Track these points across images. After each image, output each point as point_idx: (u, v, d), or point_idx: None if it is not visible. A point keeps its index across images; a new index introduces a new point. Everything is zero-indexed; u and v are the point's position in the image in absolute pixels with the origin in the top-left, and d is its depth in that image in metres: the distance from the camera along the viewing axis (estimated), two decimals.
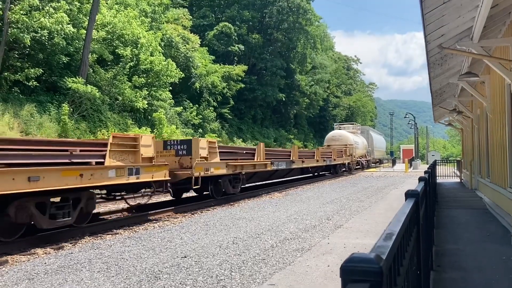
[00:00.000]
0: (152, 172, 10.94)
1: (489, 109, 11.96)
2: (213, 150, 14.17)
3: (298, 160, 22.21)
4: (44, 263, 6.93)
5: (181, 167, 13.24)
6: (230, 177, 15.26)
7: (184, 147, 13.44)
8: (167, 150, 13.69)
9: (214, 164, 13.95)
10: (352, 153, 34.70)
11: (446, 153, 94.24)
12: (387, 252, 1.28)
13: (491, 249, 7.28)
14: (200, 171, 12.98)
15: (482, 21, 6.92)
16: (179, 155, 13.50)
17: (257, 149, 18.06)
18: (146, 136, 11.14)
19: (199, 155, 13.20)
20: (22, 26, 22.20)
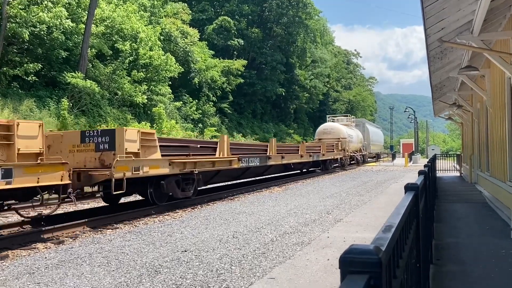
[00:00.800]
0: (38, 174, 8.01)
1: (489, 103, 11.95)
2: (150, 144, 11.20)
3: (277, 155, 19.33)
4: (45, 257, 6.95)
5: (102, 166, 10.27)
6: (178, 178, 12.33)
7: (106, 139, 10.48)
8: (86, 143, 10.68)
9: (150, 161, 10.89)
10: (345, 147, 32.13)
11: (446, 147, 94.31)
12: (386, 244, 1.28)
13: (490, 242, 7.29)
14: (126, 171, 9.96)
15: (482, 14, 6.90)
16: (100, 150, 10.49)
17: (220, 143, 15.12)
18: (27, 124, 8.37)
19: (124, 149, 10.16)
20: (21, 21, 22.14)
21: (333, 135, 32.55)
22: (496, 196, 11.50)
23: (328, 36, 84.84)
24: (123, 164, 9.98)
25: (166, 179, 11.69)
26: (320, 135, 33.49)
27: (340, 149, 31.05)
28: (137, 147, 10.64)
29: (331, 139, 31.61)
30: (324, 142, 29.50)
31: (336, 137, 32.22)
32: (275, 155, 19.22)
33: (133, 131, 10.73)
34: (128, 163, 10.14)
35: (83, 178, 9.62)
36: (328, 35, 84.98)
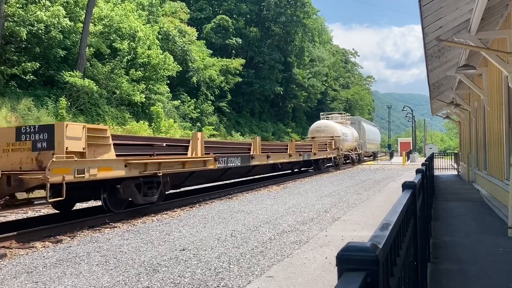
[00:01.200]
0: None
1: (486, 102, 11.98)
2: (101, 142, 9.70)
3: (261, 155, 17.87)
4: (43, 256, 6.95)
5: (40, 168, 8.74)
6: (139, 181, 10.79)
7: (44, 136, 8.94)
8: (21, 141, 9.14)
9: (99, 162, 9.38)
10: (339, 146, 30.77)
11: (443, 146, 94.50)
12: (383, 241, 1.29)
13: (488, 241, 7.32)
14: (66, 174, 8.50)
15: (479, 13, 6.92)
16: (38, 149, 8.98)
17: (192, 141, 13.52)
18: None
19: (64, 148, 8.71)
20: (18, 20, 22.08)
21: (327, 133, 31.01)
22: (494, 195, 11.53)
23: (326, 35, 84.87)
24: (62, 166, 8.47)
25: (122, 182, 10.22)
26: (313, 133, 31.96)
27: (334, 147, 29.62)
28: (82, 145, 9.16)
29: (325, 138, 30.21)
30: (317, 141, 28.25)
31: (329, 135, 30.76)
32: (260, 155, 17.81)
33: (77, 127, 9.20)
34: (69, 165, 8.61)
35: (14, 182, 8.16)
36: (326, 34, 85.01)
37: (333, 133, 31.10)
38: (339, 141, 30.90)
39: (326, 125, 32.40)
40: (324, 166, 27.85)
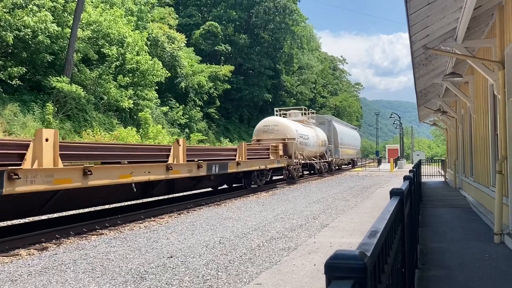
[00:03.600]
0: None
1: (472, 109, 12.13)
2: None
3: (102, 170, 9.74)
4: (28, 264, 6.83)
5: None
6: None
7: None
8: None
9: None
10: (293, 151, 23.11)
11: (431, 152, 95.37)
12: (371, 249, 1.29)
13: (474, 247, 7.38)
14: None
15: (465, 22, 7.02)
16: None
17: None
18: None
19: None
20: (5, 24, 21.87)
21: (277, 134, 23.61)
22: (480, 201, 11.65)
23: (314, 42, 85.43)
24: None
25: None
26: (259, 135, 24.30)
27: (282, 154, 21.76)
28: None
29: (274, 140, 22.86)
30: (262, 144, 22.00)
31: (280, 137, 23.32)
32: None
33: None
34: None
35: None
36: (314, 42, 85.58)
37: (285, 134, 23.52)
38: (292, 145, 23.09)
39: (276, 123, 24.33)
40: (261, 181, 19.44)
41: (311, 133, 27.29)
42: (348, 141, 39.30)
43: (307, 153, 26.25)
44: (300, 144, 24.39)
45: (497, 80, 7.72)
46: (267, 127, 24.21)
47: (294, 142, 23.34)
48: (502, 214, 7.56)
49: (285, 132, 23.63)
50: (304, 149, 25.46)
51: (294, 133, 23.83)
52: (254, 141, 24.07)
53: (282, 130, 23.75)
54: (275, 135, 23.56)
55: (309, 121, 30.16)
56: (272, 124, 24.27)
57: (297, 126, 25.02)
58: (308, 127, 28.04)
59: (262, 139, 23.68)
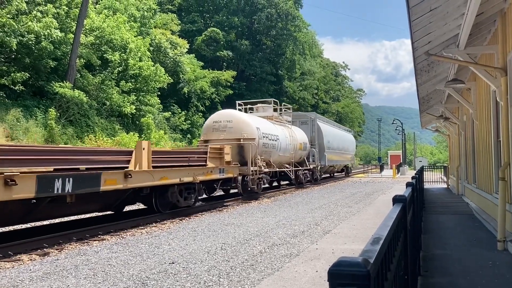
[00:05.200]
0: None
1: (475, 116, 12.11)
2: None
3: None
4: (29, 269, 6.82)
5: None
6: None
7: None
8: None
9: None
10: (254, 156, 17.86)
11: (433, 159, 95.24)
12: (374, 256, 1.28)
13: (477, 254, 7.34)
14: None
15: (468, 29, 7.02)
16: None
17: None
18: None
19: None
20: (9, 30, 22.00)
21: (230, 133, 18.17)
22: (483, 208, 11.60)
23: (316, 48, 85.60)
24: None
25: None
26: (208, 134, 18.58)
27: (229, 160, 15.93)
28: None
29: (226, 141, 17.59)
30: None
31: (234, 136, 18.03)
32: None
33: None
34: None
35: None
36: (316, 48, 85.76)
37: (241, 133, 18.04)
38: (250, 147, 17.60)
39: (229, 118, 18.61)
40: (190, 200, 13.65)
41: (283, 133, 21.81)
42: (338, 145, 33.59)
43: (276, 159, 20.73)
44: (265, 147, 18.95)
45: (499, 87, 7.71)
46: (218, 123, 18.39)
47: (253, 144, 17.72)
48: (505, 221, 7.53)
49: (241, 131, 18.03)
50: (272, 154, 19.99)
51: (254, 131, 18.17)
52: (201, 143, 18.43)
53: (238, 128, 18.11)
54: (228, 134, 18.03)
55: (282, 118, 24.27)
56: (225, 119, 18.41)
57: (260, 123, 19.40)
58: (281, 125, 22.49)
59: (211, 139, 18.08)
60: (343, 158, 36.22)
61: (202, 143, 18.40)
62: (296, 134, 23.98)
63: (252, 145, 17.76)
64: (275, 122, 22.25)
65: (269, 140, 19.61)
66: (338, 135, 34.73)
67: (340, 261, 1.06)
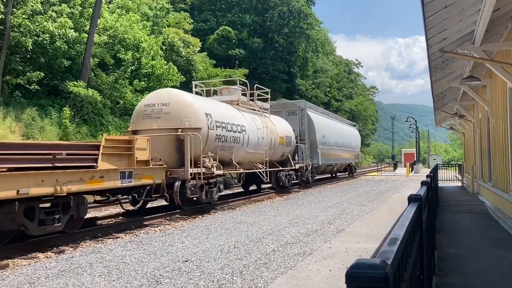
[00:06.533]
0: None
1: (490, 113, 11.95)
2: None
3: None
4: (45, 267, 6.91)
5: None
6: None
7: None
8: None
9: None
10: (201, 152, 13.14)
11: (447, 157, 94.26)
12: (392, 257, 1.27)
13: (493, 253, 7.24)
14: None
15: (484, 25, 6.92)
16: None
17: None
18: None
19: None
20: (24, 30, 22.28)
21: (166, 120, 13.33)
22: (499, 207, 11.44)
23: (329, 46, 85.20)
24: None
25: None
26: (137, 122, 13.85)
27: (144, 158, 11.21)
28: None
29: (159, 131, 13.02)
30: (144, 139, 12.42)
31: (172, 125, 13.17)
32: None
33: None
34: None
35: None
36: (329, 45, 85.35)
37: (181, 120, 13.17)
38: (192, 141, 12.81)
39: (166, 100, 13.68)
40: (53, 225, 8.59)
41: (254, 123, 17.07)
42: (337, 140, 28.54)
43: (243, 157, 16.15)
44: (220, 141, 14.25)
45: None
46: (151, 108, 13.52)
47: (197, 136, 12.83)
48: None
49: (181, 117, 13.10)
50: (234, 150, 15.32)
51: (201, 119, 13.37)
52: (130, 132, 13.55)
53: (177, 113, 13.20)
54: (163, 123, 13.17)
55: (254, 104, 18.76)
56: (160, 102, 13.51)
57: (214, 109, 14.55)
58: (251, 113, 17.70)
59: (140, 130, 13.28)
60: (345, 156, 31.42)
61: (129, 134, 13.09)
62: (275, 125, 19.36)
63: (195, 137, 12.77)
64: (243, 109, 17.37)
65: (228, 131, 14.82)
66: (336, 128, 29.71)
67: (358, 263, 1.05)
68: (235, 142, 15.36)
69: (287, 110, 24.15)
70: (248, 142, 16.33)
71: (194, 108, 13.53)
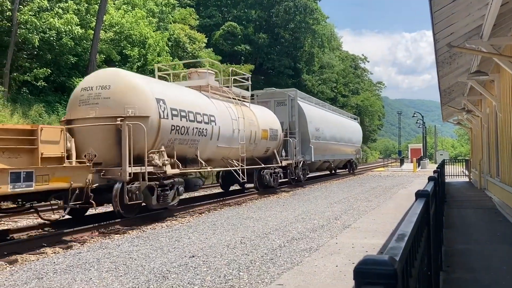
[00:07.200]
0: None
1: (498, 108, 11.85)
2: None
3: None
4: (53, 262, 6.96)
5: None
6: None
7: None
8: None
9: None
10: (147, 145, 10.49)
11: (454, 152, 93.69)
12: (400, 253, 1.26)
13: (501, 249, 7.21)
14: None
15: (492, 19, 6.86)
16: None
17: None
18: None
19: None
20: (31, 27, 22.38)
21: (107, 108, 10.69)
22: (507, 202, 11.37)
23: (335, 41, 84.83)
24: None
25: None
26: (73, 111, 11.23)
27: (55, 154, 9.12)
28: None
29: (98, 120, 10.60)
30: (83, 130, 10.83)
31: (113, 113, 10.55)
32: None
33: None
34: None
35: None
36: (335, 40, 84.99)
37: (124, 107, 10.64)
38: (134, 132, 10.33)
39: (107, 82, 11.03)
40: None
41: (227, 113, 14.78)
42: (334, 134, 26.07)
43: (213, 152, 13.96)
44: (177, 132, 11.82)
45: None
46: (88, 92, 11.02)
47: (141, 126, 10.34)
48: None
49: (123, 102, 10.65)
50: (200, 144, 12.99)
51: (150, 105, 10.95)
52: (64, 123, 11.19)
53: (119, 98, 10.72)
54: (102, 110, 10.69)
55: (229, 91, 16.36)
56: (99, 84, 11.00)
57: (170, 93, 12.12)
58: (225, 101, 15.36)
59: (76, 119, 10.96)
60: (343, 152, 28.97)
61: (64, 123, 11.08)
62: (256, 116, 17.09)
63: (138, 127, 10.31)
64: (216, 97, 15.15)
65: (190, 121, 12.37)
66: (333, 121, 27.08)
67: (366, 259, 1.04)
68: (200, 134, 12.90)
69: (276, 100, 21.62)
70: (219, 135, 13.96)
71: (141, 92, 10.94)
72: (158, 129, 11.08)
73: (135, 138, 10.35)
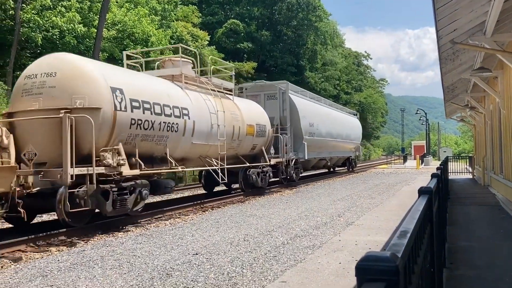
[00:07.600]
0: None
1: (502, 105, 11.82)
2: None
3: None
4: (57, 260, 7.00)
5: None
6: None
7: None
8: None
9: None
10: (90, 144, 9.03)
11: (458, 149, 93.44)
12: (402, 250, 1.27)
13: (505, 246, 7.20)
14: None
15: (495, 16, 6.83)
16: None
17: None
18: None
19: None
20: (34, 25, 22.43)
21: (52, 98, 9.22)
22: (510, 199, 11.35)
23: (338, 38, 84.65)
24: None
25: None
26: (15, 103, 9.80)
27: None
28: None
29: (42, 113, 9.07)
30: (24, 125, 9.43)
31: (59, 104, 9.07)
32: None
33: None
34: None
35: None
36: (338, 38, 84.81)
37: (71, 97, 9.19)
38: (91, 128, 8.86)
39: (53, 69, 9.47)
40: None
41: (205, 106, 13.40)
42: (330, 130, 24.71)
43: (187, 150, 12.62)
44: (139, 127, 10.39)
45: None
46: (32, 80, 9.63)
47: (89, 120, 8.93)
48: None
49: (70, 92, 9.32)
50: (170, 140, 11.62)
51: (102, 94, 9.55)
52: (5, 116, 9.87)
53: (64, 87, 9.37)
54: (46, 101, 9.32)
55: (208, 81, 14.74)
56: (44, 71, 9.59)
57: (128, 81, 10.71)
58: (203, 93, 13.84)
59: (18, 111, 9.61)
60: (341, 149, 27.65)
61: (5, 117, 9.82)
62: (241, 110, 15.69)
63: (85, 120, 8.93)
64: (190, 87, 13.57)
65: (156, 114, 10.92)
66: (330, 116, 25.62)
67: (368, 256, 1.05)
68: (170, 130, 11.42)
69: (266, 93, 20.09)
70: (194, 130, 12.45)
71: (91, 80, 9.48)
72: (114, 123, 9.55)
73: (82, 133, 8.96)
